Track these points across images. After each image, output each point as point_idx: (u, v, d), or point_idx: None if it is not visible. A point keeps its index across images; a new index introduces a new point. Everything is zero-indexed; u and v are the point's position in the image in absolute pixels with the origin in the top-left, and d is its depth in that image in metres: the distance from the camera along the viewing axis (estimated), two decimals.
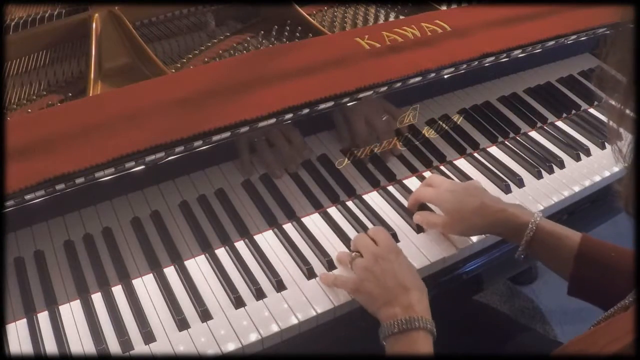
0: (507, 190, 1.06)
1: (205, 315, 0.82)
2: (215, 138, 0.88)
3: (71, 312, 0.82)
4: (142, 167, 0.85)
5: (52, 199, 0.80)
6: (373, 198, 1.03)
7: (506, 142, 1.18)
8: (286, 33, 1.19)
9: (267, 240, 0.94)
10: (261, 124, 0.91)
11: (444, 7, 1.27)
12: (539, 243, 0.85)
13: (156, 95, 0.90)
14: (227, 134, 0.88)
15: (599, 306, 0.81)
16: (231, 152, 0.99)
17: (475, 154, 1.14)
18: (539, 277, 1.89)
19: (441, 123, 1.16)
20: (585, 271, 0.81)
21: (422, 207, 1.00)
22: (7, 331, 0.78)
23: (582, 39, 1.22)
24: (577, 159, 1.15)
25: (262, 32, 1.21)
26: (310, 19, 1.19)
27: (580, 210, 1.11)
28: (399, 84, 1.01)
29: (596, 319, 0.72)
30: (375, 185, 1.05)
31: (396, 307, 0.77)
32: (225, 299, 0.84)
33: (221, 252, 0.91)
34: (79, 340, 0.78)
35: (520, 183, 1.07)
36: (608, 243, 0.82)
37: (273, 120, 0.91)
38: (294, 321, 0.82)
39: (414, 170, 1.09)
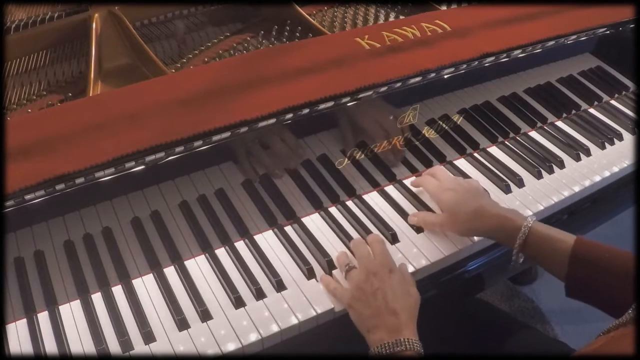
0: (507, 190, 1.06)
1: (205, 315, 0.82)
2: (215, 138, 0.88)
3: (71, 312, 0.82)
4: (142, 167, 0.85)
5: (52, 199, 0.80)
6: (373, 198, 1.03)
7: (506, 142, 1.18)
8: (286, 33, 1.19)
9: (267, 240, 0.94)
10: (261, 124, 0.91)
11: (444, 7, 1.27)
12: (532, 247, 0.85)
13: (156, 95, 0.90)
14: (227, 134, 0.88)
15: (597, 307, 0.81)
16: (231, 152, 0.99)
17: (475, 154, 1.14)
18: (539, 277, 1.89)
19: (441, 123, 1.16)
20: (580, 272, 0.81)
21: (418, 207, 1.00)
22: (7, 331, 0.78)
23: (582, 39, 1.22)
24: (577, 159, 1.15)
25: (262, 32, 1.21)
26: (310, 19, 1.19)
27: (581, 210, 1.11)
28: (399, 84, 1.01)
29: (605, 328, 0.70)
30: (375, 185, 1.05)
31: (383, 331, 0.77)
32: (225, 299, 0.84)
33: (221, 252, 0.91)
34: (79, 340, 0.78)
35: (520, 183, 1.07)
36: (602, 244, 0.82)
37: (273, 120, 0.91)
38: (294, 321, 0.82)
39: (414, 170, 1.09)
